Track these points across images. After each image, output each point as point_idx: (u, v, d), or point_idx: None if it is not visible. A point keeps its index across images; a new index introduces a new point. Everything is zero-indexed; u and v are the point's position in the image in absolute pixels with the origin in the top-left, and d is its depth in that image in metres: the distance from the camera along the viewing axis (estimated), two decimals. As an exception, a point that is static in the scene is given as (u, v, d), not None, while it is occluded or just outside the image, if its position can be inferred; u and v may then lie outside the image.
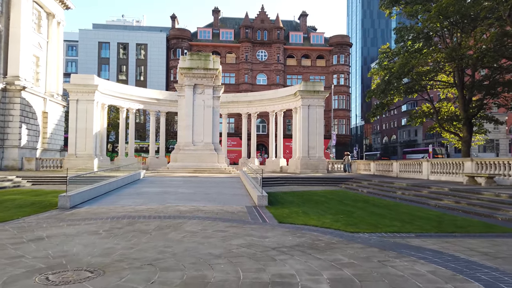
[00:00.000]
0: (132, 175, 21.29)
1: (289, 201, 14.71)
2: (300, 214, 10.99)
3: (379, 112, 31.70)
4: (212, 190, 17.45)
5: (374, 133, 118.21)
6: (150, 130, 40.45)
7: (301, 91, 34.72)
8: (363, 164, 34.40)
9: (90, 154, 32.80)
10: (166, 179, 22.58)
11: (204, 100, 31.53)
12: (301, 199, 15.29)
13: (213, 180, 22.60)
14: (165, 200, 13.79)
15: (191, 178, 23.97)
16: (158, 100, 39.69)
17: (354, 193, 19.31)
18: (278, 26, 68.14)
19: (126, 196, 15.02)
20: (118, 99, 36.73)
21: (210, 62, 31.33)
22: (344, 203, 14.03)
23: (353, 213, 11.29)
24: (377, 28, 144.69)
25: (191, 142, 31.16)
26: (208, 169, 30.16)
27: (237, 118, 65.22)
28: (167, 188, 17.96)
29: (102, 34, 68.00)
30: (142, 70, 68.22)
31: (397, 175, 27.06)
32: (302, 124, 34.91)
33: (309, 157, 34.94)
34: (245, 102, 41.05)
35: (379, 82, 30.19)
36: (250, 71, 67.20)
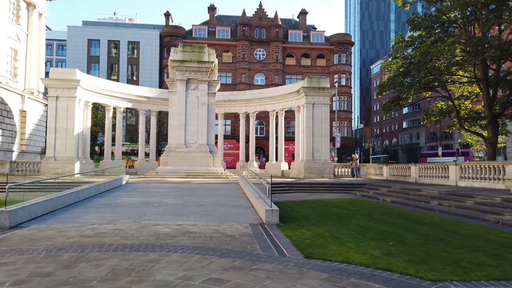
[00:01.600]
0: (111, 181, 17.96)
1: (303, 215, 11.46)
2: (329, 239, 7.74)
3: (393, 107, 28.53)
4: (206, 200, 14.17)
5: (374, 136, 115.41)
6: (140, 131, 37.10)
7: (305, 87, 31.59)
8: (373, 168, 31.24)
9: (70, 156, 29.41)
10: (152, 186, 19.25)
11: (198, 97, 28.27)
12: (318, 212, 12.05)
13: (207, 186, 19.31)
14: (143, 216, 10.51)
15: (182, 184, 20.67)
16: (149, 98, 36.38)
17: (376, 203, 16.10)
18: (277, 23, 65.17)
19: (94, 209, 11.71)
20: (103, 97, 33.37)
21: (205, 55, 28.12)
22: (376, 219, 10.80)
23: (402, 237, 8.06)
24: (376, 30, 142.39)
25: (184, 144, 27.86)
26: (202, 173, 26.86)
27: (233, 120, 62.05)
28: (151, 197, 14.66)
29: (92, 31, 64.64)
30: (134, 69, 64.87)
31: (416, 180, 23.91)
32: (306, 124, 31.74)
33: (314, 161, 31.76)
34: (243, 100, 37.84)
35: (395, 73, 27.05)
36: (247, 71, 64.11)
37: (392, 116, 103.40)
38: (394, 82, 26.34)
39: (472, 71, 27.25)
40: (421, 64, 23.13)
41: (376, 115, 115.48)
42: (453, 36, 26.11)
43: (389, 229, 9.07)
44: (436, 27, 27.69)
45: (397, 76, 26.39)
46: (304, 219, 10.60)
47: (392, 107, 28.57)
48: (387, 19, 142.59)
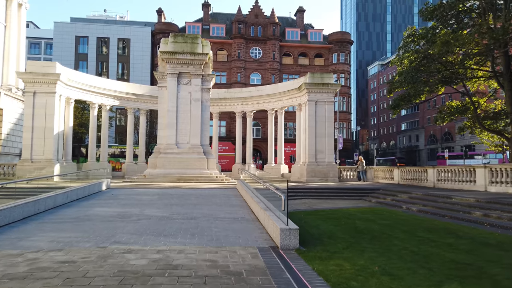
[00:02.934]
0: (87, 186, 15.17)
1: (326, 232, 8.83)
2: (385, 280, 5.09)
3: (404, 104, 26.02)
4: (199, 210, 11.48)
5: (371, 138, 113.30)
6: (128, 130, 34.26)
7: (308, 83, 29.06)
8: (382, 171, 28.70)
9: (49, 158, 26.55)
10: (137, 192, 16.48)
11: (191, 92, 25.57)
12: (343, 228, 9.42)
13: (201, 192, 16.59)
14: (114, 235, 7.81)
15: (172, 189, 17.92)
16: (137, 95, 33.58)
17: (402, 212, 13.50)
18: (274, 21, 62.72)
19: (52, 226, 8.97)
20: (87, 93, 30.54)
21: (199, 46, 25.45)
22: (424, 239, 8.18)
23: (489, 274, 5.46)
24: (372, 31, 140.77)
25: (175, 144, 25.11)
26: (195, 177, 24.13)
27: (228, 121, 59.44)
28: (131, 207, 11.92)
29: (80, 28, 61.63)
30: (125, 67, 61.95)
31: (435, 185, 21.39)
32: (309, 124, 29.19)
33: (317, 163, 29.20)
34: (240, 99, 35.20)
35: (407, 69, 24.58)
36: (243, 70, 61.51)
37: (390, 118, 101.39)
38: (407, 77, 23.84)
39: (490, 65, 24.96)
40: (442, 53, 20.61)
41: (373, 117, 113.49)
42: (473, 25, 23.68)
43: (456, 258, 6.45)
44: (450, 17, 25.36)
45: (409, 71, 23.89)
46: (329, 239, 7.96)
47: (403, 105, 26.06)
48: (383, 20, 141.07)
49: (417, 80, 23.38)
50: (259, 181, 14.31)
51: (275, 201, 11.61)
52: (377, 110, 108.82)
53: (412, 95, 24.26)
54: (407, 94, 24.73)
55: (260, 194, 12.99)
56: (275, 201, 11.61)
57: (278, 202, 9.89)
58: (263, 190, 14.73)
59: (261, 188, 14.87)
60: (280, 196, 7.74)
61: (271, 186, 10.67)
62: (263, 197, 11.89)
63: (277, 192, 8.17)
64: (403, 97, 25.16)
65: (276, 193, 8.34)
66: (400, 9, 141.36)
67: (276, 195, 12.45)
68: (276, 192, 8.40)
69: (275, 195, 12.57)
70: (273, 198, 12.56)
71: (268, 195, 12.87)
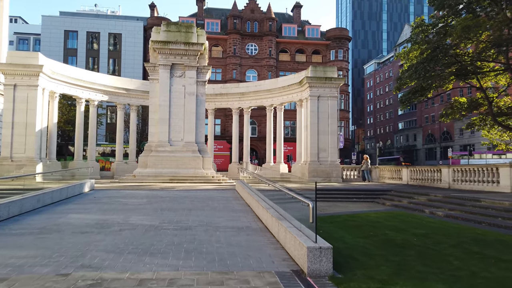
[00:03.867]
0: (65, 188, 13.20)
1: (357, 247, 7.01)
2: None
3: (415, 99, 24.28)
4: (195, 217, 9.61)
5: (368, 138, 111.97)
6: (117, 128, 32.18)
7: (310, 77, 27.28)
8: (388, 171, 27.01)
9: (31, 157, 24.48)
10: (124, 194, 14.53)
11: (185, 86, 23.63)
12: (375, 241, 7.60)
13: (196, 195, 14.70)
14: (84, 254, 5.92)
15: (164, 191, 15.99)
16: (128, 90, 31.53)
17: (428, 218, 11.74)
18: (270, 16, 60.90)
19: (7, 239, 7.07)
20: (73, 87, 28.44)
21: (193, 35, 23.53)
22: (487, 257, 6.38)
23: None
24: (368, 30, 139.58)
25: (167, 141, 23.16)
26: (189, 177, 22.22)
27: (223, 119, 57.49)
28: (114, 213, 10.00)
29: (69, 22, 59.27)
30: (116, 63, 59.72)
31: (450, 185, 19.69)
32: (311, 120, 27.41)
33: (319, 162, 27.45)
34: (237, 94, 33.31)
35: (417, 60, 22.86)
36: (238, 66, 59.59)
37: (387, 118, 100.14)
38: (418, 69, 22.12)
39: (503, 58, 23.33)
40: (462, 39, 18.84)
41: (370, 117, 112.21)
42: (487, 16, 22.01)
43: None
44: (461, 6, 23.71)
45: (421, 63, 22.18)
46: (366, 258, 6.14)
47: (413, 99, 24.32)
48: (379, 19, 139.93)
49: (429, 72, 21.66)
50: (266, 181, 12.44)
51: (285, 203, 9.82)
52: (374, 109, 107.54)
53: (425, 88, 22.53)
54: (419, 88, 23.00)
55: (265, 196, 11.16)
56: (285, 203, 9.82)
57: (292, 207, 8.09)
58: (267, 192, 12.86)
59: (265, 189, 13.03)
60: (304, 202, 5.89)
61: (284, 188, 8.82)
62: (271, 201, 10.05)
63: (298, 197, 6.32)
64: (415, 90, 23.42)
65: (296, 198, 6.49)
66: (396, 7, 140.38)
67: (286, 198, 10.67)
68: (296, 197, 6.56)
69: (286, 198, 10.82)
70: (281, 201, 10.72)
71: (276, 197, 11.02)
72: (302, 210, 6.41)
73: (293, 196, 6.78)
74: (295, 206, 7.68)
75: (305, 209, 6.05)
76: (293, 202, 7.99)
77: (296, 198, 6.63)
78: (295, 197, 6.70)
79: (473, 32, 18.02)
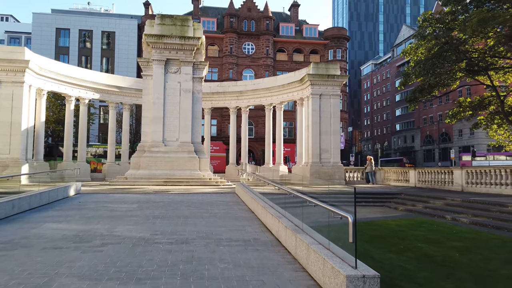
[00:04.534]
0: (45, 192, 11.78)
1: (394, 268, 5.72)
2: None
3: (423, 97, 23.08)
4: (192, 227, 8.27)
5: (364, 139, 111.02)
6: (109, 127, 30.71)
7: (311, 75, 26.04)
8: (394, 172, 25.80)
9: (16, 158, 22.99)
10: (112, 199, 13.13)
11: (180, 82, 22.28)
12: (412, 259, 6.32)
13: (193, 199, 13.34)
14: (49, 283, 4.52)
15: (157, 195, 14.61)
16: (120, 88, 30.09)
17: (453, 225, 10.51)
18: (267, 15, 59.72)
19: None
20: (62, 84, 26.95)
21: (189, 29, 22.19)
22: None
23: None
24: (364, 31, 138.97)
25: (161, 141, 21.77)
26: (185, 179, 20.84)
27: (219, 119, 56.17)
28: (98, 222, 8.62)
29: (61, 20, 57.62)
30: (109, 62, 58.15)
31: (463, 188, 18.51)
32: (312, 120, 26.16)
33: (321, 163, 26.19)
34: (234, 93, 31.96)
35: (426, 56, 21.68)
36: (235, 66, 58.31)
37: (384, 119, 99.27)
38: (426, 66, 20.93)
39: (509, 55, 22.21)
40: (478, 32, 17.65)
41: (366, 118, 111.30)
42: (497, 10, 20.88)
43: None
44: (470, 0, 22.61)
45: (429, 59, 21.00)
46: (413, 285, 4.81)
47: (421, 98, 23.13)
48: (375, 20, 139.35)
49: (438, 68, 20.49)
50: (271, 184, 11.12)
51: (294, 208, 8.52)
52: (371, 111, 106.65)
53: (433, 86, 21.33)
54: (426, 85, 21.80)
55: (271, 200, 9.84)
56: (294, 208, 8.52)
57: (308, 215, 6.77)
58: (271, 195, 11.50)
59: (269, 192, 11.71)
60: (337, 214, 4.58)
61: (298, 193, 7.48)
62: (279, 206, 8.72)
63: (328, 207, 5.00)
64: (422, 88, 22.22)
65: (322, 207, 5.18)
66: (393, 9, 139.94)
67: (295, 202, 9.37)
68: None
69: (295, 202, 9.53)
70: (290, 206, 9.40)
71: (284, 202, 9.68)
72: (326, 221, 5.13)
73: (317, 204, 5.47)
74: (310, 212, 6.41)
75: (333, 220, 4.75)
76: (306, 206, 6.72)
77: (318, 204, 5.33)
78: (318, 205, 5.38)
79: (490, 25, 16.83)
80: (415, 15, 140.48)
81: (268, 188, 11.63)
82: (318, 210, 8.81)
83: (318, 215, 6.23)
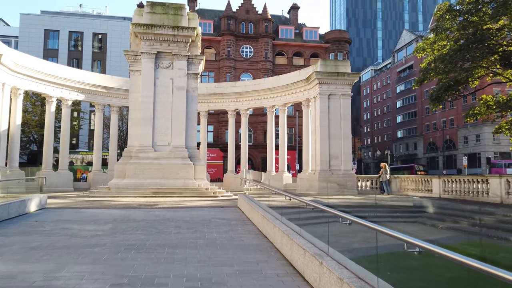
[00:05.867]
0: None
1: None
2: None
3: (447, 95, 20.46)
4: (181, 268, 5.44)
5: (364, 147, 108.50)
6: (95, 132, 27.88)
7: (319, 72, 23.48)
8: (412, 181, 23.08)
9: (-16, 165, 20.03)
10: (81, 216, 10.26)
11: (173, 79, 19.54)
12: None
13: (185, 216, 10.51)
14: None
15: (141, 210, 11.76)
16: (108, 88, 27.33)
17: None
18: (266, 17, 57.39)
19: None
20: (42, 83, 24.15)
21: (183, 18, 19.55)
22: None
23: None
24: (363, 37, 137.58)
25: (151, 146, 18.94)
26: (178, 189, 17.99)
27: (216, 125, 53.46)
28: (39, 260, 5.76)
29: (50, 21, 55.01)
30: (101, 65, 55.41)
31: (503, 200, 15.81)
32: (321, 123, 23.49)
33: (331, 171, 23.48)
34: (233, 94, 29.27)
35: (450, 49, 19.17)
36: (232, 70, 55.74)
37: (384, 126, 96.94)
38: (454, 60, 18.36)
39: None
40: None
41: (366, 125, 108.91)
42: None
43: None
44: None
45: (458, 50, 18.45)
46: None
47: (446, 96, 20.49)
48: (374, 26, 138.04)
49: (468, 61, 17.94)
50: (292, 196, 8.32)
51: (312, 226, 5.84)
52: (371, 117, 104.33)
53: (460, 82, 18.74)
54: (453, 82, 19.20)
55: (291, 220, 7.11)
56: (312, 226, 5.84)
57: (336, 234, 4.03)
58: (281, 209, 8.68)
59: (280, 206, 8.97)
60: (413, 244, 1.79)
61: (329, 209, 4.77)
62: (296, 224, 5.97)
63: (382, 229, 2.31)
64: (448, 86, 19.58)
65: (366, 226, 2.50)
66: (391, 15, 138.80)
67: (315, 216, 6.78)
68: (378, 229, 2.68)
69: (316, 217, 7.00)
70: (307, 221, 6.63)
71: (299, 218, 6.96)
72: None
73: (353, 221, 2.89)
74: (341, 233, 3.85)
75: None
76: (334, 223, 4.13)
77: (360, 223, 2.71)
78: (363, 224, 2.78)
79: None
80: (414, 21, 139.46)
81: (275, 200, 8.92)
82: (352, 229, 6.61)
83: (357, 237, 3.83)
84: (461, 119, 69.75)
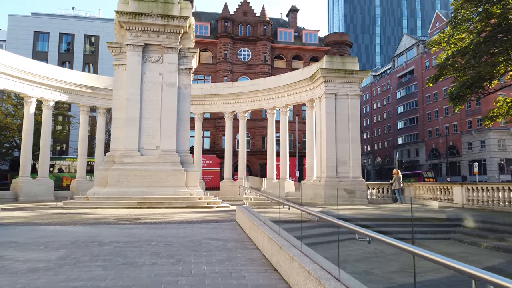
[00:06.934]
0: None
1: None
2: None
3: (470, 94, 18.33)
4: None
5: (364, 154, 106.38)
6: (79, 136, 25.59)
7: (325, 70, 21.36)
8: (429, 189, 20.86)
9: None
10: (34, 236, 7.95)
11: (162, 74, 17.34)
12: None
13: (170, 236, 8.21)
14: None
15: (117, 227, 9.45)
16: (94, 89, 25.10)
17: None
18: (264, 19, 55.51)
19: None
20: (20, 82, 21.88)
21: (175, 6, 17.42)
22: None
23: None
24: (361, 43, 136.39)
25: (137, 149, 16.66)
26: (167, 199, 15.68)
27: (212, 131, 51.25)
28: None
29: (40, 22, 52.88)
30: (93, 68, 53.19)
31: (543, 211, 13.61)
32: (326, 125, 21.31)
33: (338, 178, 21.25)
34: (230, 95, 27.09)
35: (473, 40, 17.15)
36: (230, 73, 53.65)
37: (385, 132, 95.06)
38: (479, 53, 16.27)
39: None
40: None
41: (366, 131, 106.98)
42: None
43: None
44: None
45: (482, 43, 16.39)
46: None
47: (468, 94, 18.33)
48: (372, 32, 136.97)
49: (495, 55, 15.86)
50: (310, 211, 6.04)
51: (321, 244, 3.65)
52: (371, 123, 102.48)
53: (484, 78, 16.64)
54: (476, 78, 17.08)
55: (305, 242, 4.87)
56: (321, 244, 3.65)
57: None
58: (283, 223, 6.48)
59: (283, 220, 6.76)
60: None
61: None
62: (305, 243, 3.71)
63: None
64: (471, 82, 17.44)
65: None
66: (389, 21, 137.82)
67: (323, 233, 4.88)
68: None
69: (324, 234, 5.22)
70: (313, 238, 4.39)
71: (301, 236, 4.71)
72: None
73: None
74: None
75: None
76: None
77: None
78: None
79: None
80: (412, 27, 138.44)
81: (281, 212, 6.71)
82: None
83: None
84: (464, 125, 67.99)
